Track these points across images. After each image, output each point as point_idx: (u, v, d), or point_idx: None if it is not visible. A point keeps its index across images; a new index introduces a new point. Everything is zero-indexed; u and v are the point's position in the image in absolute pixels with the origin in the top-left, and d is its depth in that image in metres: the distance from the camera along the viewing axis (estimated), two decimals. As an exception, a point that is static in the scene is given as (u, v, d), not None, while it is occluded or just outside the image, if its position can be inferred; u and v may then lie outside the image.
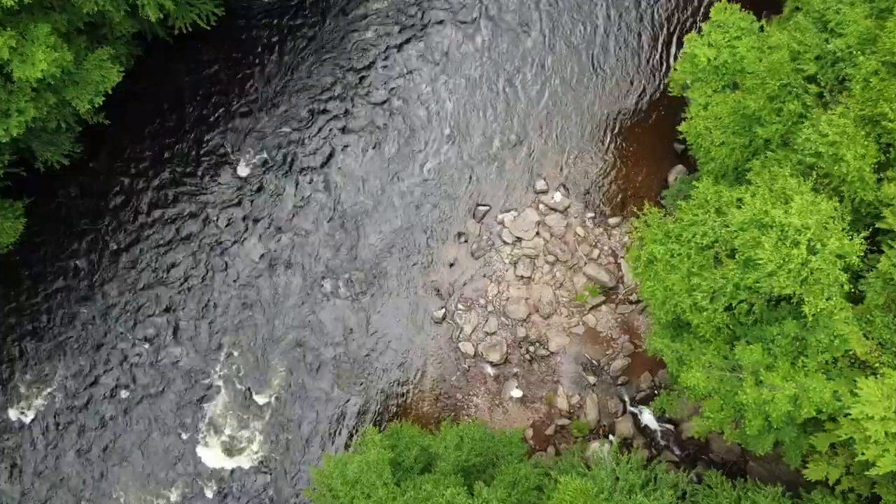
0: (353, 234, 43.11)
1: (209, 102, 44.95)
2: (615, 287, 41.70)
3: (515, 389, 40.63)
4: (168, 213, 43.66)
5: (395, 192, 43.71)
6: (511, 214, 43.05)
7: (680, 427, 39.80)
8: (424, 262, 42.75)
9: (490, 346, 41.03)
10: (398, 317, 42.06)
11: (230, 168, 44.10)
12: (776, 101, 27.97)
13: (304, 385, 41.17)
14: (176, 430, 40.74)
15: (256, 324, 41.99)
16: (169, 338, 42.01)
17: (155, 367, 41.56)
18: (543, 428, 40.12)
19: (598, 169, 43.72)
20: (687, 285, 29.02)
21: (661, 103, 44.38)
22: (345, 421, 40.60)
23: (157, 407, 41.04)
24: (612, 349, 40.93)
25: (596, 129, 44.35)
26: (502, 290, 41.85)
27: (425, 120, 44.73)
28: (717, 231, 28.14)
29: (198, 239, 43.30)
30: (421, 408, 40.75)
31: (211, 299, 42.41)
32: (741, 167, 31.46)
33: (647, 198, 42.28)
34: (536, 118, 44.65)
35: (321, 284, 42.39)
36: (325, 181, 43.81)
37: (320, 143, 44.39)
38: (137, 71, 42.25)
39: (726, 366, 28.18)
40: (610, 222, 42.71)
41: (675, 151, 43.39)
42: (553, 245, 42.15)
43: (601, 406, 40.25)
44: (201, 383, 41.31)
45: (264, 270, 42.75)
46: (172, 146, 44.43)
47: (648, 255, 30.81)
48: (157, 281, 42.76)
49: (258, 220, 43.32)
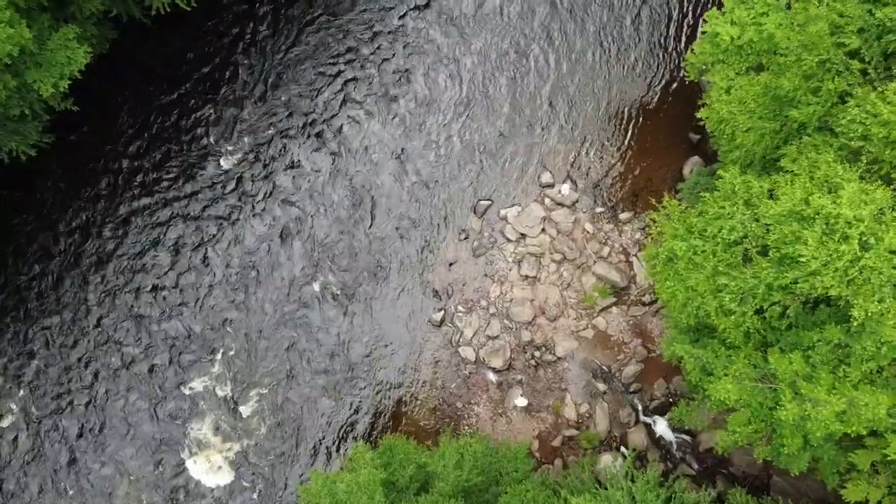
0: (344, 232, 40.19)
1: (190, 89, 41.94)
2: (627, 287, 38.83)
3: (520, 398, 37.79)
4: (146, 208, 40.68)
5: (389, 187, 40.77)
6: (515, 210, 40.16)
7: (697, 438, 36.91)
8: (421, 261, 39.88)
9: (492, 351, 38.18)
10: (393, 320, 39.17)
11: (213, 160, 41.13)
12: (813, 80, 25.05)
13: (292, 395, 38.26)
14: (156, 443, 37.80)
15: (241, 330, 39.09)
16: (146, 345, 39.08)
17: (131, 375, 38.63)
18: (550, 439, 37.26)
19: (608, 160, 40.84)
20: (712, 286, 26.26)
21: (675, 90, 41.50)
22: (336, 433, 37.67)
23: (136, 418, 38.09)
24: (624, 354, 38.09)
25: (605, 118, 41.46)
26: (505, 291, 39.00)
27: (421, 111, 41.83)
28: (746, 225, 25.35)
29: (178, 239, 40.33)
30: (418, 418, 37.86)
31: (192, 306, 39.46)
32: (770, 155, 28.60)
33: (660, 191, 39.49)
34: (540, 106, 41.71)
35: (310, 286, 39.46)
36: (316, 175, 40.86)
37: (311, 134, 41.43)
38: (112, 55, 39.29)
39: (757, 375, 25.33)
40: (621, 218, 39.82)
41: (690, 141, 40.51)
42: (560, 242, 39.28)
43: (612, 415, 37.42)
44: (183, 393, 38.40)
45: (249, 273, 39.83)
46: (151, 136, 41.43)
47: (668, 252, 28.05)
48: (133, 285, 39.79)
49: (242, 218, 40.36)
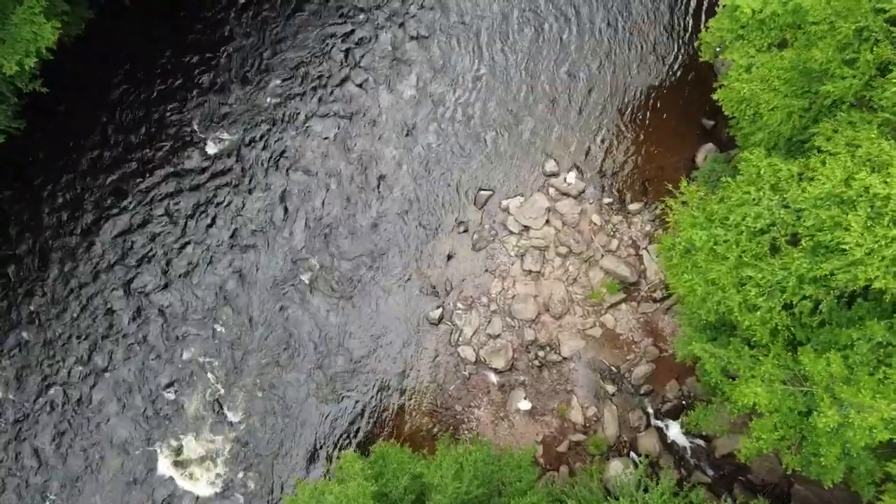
0: (335, 222, 37.80)
1: (172, 72, 39.53)
2: (637, 283, 36.46)
3: (523, 400, 35.44)
4: (124, 199, 38.28)
5: (382, 175, 38.37)
6: (517, 200, 37.77)
7: (713, 443, 34.54)
8: (418, 255, 37.47)
9: (494, 351, 35.81)
10: (388, 318, 36.77)
11: (196, 147, 38.71)
12: (848, 51, 22.68)
13: (280, 398, 35.86)
14: (134, 449, 35.42)
15: (226, 329, 36.69)
16: (125, 345, 36.69)
17: (111, 375, 36.24)
18: (555, 444, 34.89)
19: (616, 148, 38.44)
20: (735, 279, 23.95)
21: (687, 73, 39.15)
22: (326, 438, 35.30)
23: (114, 423, 35.71)
24: (634, 354, 35.72)
25: (612, 103, 39.07)
26: (507, 287, 36.64)
27: (415, 93, 39.43)
28: (774, 212, 23.03)
29: (158, 234, 37.91)
30: (414, 422, 35.48)
31: (174, 303, 37.06)
32: (797, 137, 26.24)
33: (672, 180, 37.17)
34: (544, 89, 39.35)
35: (300, 284, 37.07)
36: (305, 163, 38.47)
37: (300, 120, 39.07)
38: (89, 36, 36.89)
39: (786, 377, 22.99)
40: (630, 209, 37.44)
41: (703, 128, 38.15)
42: (565, 235, 36.89)
43: (621, 419, 35.07)
44: (165, 396, 36.01)
45: (234, 267, 37.43)
46: (131, 122, 39.02)
47: (686, 242, 25.70)
48: (112, 281, 37.41)
49: (227, 209, 37.96)
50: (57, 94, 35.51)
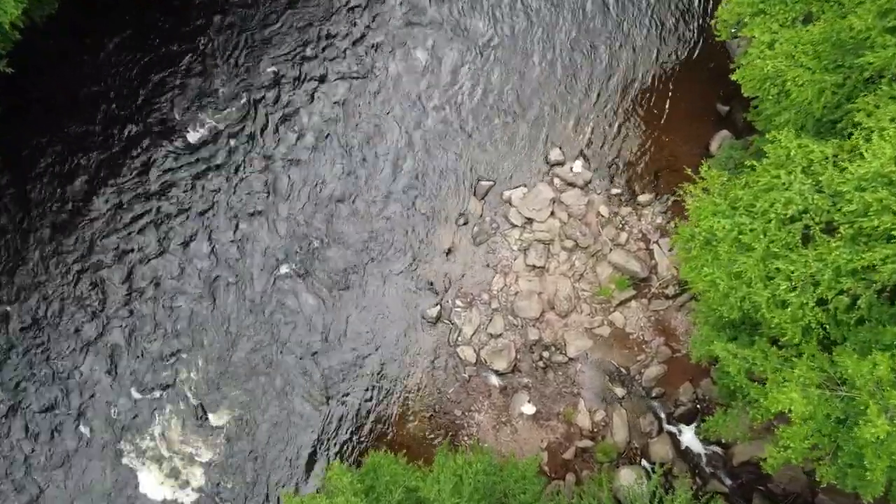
0: (325, 213, 35.54)
1: (151, 54, 37.19)
2: (647, 278, 34.25)
3: (526, 404, 33.24)
4: (98, 193, 35.97)
5: (374, 163, 36.13)
6: (520, 191, 35.53)
7: (731, 450, 32.32)
8: (414, 249, 35.24)
9: (495, 352, 33.60)
10: (382, 316, 34.52)
11: (178, 136, 36.40)
12: (891, 17, 20.45)
13: (267, 401, 33.59)
14: (111, 457, 33.12)
15: (211, 328, 34.40)
16: (105, 345, 34.40)
17: (85, 376, 33.96)
18: (561, 451, 32.70)
19: (625, 135, 36.20)
20: (763, 271, 21.71)
21: (700, 55, 36.99)
22: (315, 445, 33.05)
23: (88, 427, 33.41)
24: (645, 354, 33.53)
25: (621, 87, 36.85)
26: (510, 283, 34.45)
27: (411, 72, 37.22)
28: (807, 197, 20.81)
29: (136, 227, 35.60)
30: (410, 428, 33.24)
31: (154, 300, 34.77)
32: (828, 117, 24.02)
33: (684, 169, 35.01)
34: (549, 72, 37.13)
35: (287, 277, 34.80)
36: (293, 151, 36.22)
37: (287, 104, 36.82)
38: (61, 16, 34.59)
39: (821, 380, 20.75)
40: (640, 200, 35.20)
41: (717, 114, 35.92)
42: (571, 228, 34.66)
43: (631, 424, 32.88)
44: (144, 399, 33.73)
45: (218, 263, 35.16)
46: (108, 108, 36.69)
47: (707, 232, 23.47)
48: (86, 283, 35.13)
49: (210, 201, 35.69)
50: (29, 76, 33.20)
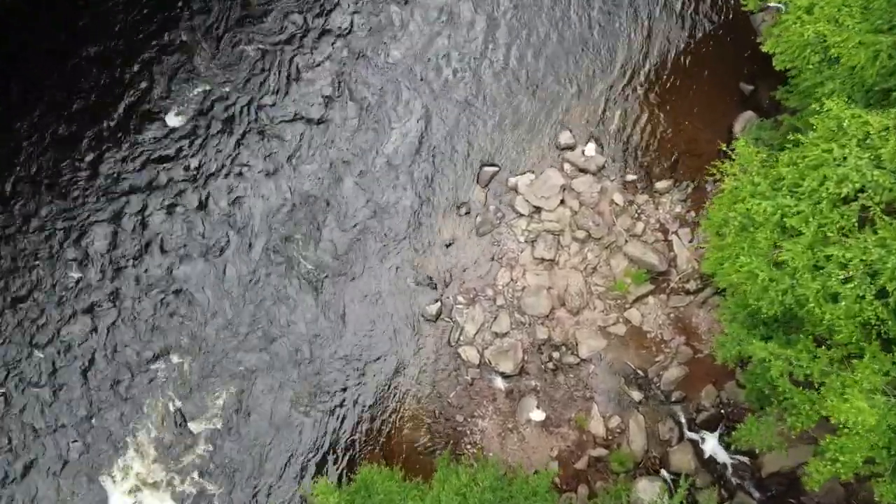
0: (316, 201, 32.90)
1: (128, 32, 34.57)
2: (666, 272, 31.59)
3: (535, 410, 30.63)
4: (73, 182, 33.28)
5: (369, 147, 33.47)
6: (527, 177, 32.86)
7: (759, 460, 29.62)
8: (412, 240, 32.66)
9: (500, 352, 31.01)
10: (377, 314, 31.88)
11: (157, 118, 33.68)
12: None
13: (251, 407, 30.90)
14: (80, 466, 30.42)
15: (191, 326, 31.76)
16: (77, 345, 31.74)
17: (53, 382, 31.28)
18: (572, 461, 30.08)
19: (641, 117, 33.52)
20: (810, 260, 19.02)
21: (723, 31, 34.27)
22: (304, 456, 30.39)
23: (58, 437, 30.69)
24: (664, 355, 30.91)
25: (637, 65, 34.18)
26: (516, 278, 31.85)
27: (409, 47, 34.55)
28: (865, 173, 18.14)
29: (111, 217, 32.90)
30: (407, 437, 30.58)
31: (131, 295, 32.09)
32: (880, 85, 21.31)
33: (705, 154, 32.41)
34: (558, 48, 34.46)
35: (272, 272, 32.11)
36: (281, 131, 33.57)
37: (276, 81, 34.15)
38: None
39: (884, 385, 18.06)
40: (657, 187, 32.53)
41: (741, 93, 33.22)
42: (583, 217, 32.01)
43: (650, 431, 30.27)
44: (119, 406, 31.01)
45: (199, 255, 32.48)
46: (81, 90, 34.06)
47: (743, 216, 20.77)
48: (58, 276, 32.44)
49: (191, 187, 33.01)
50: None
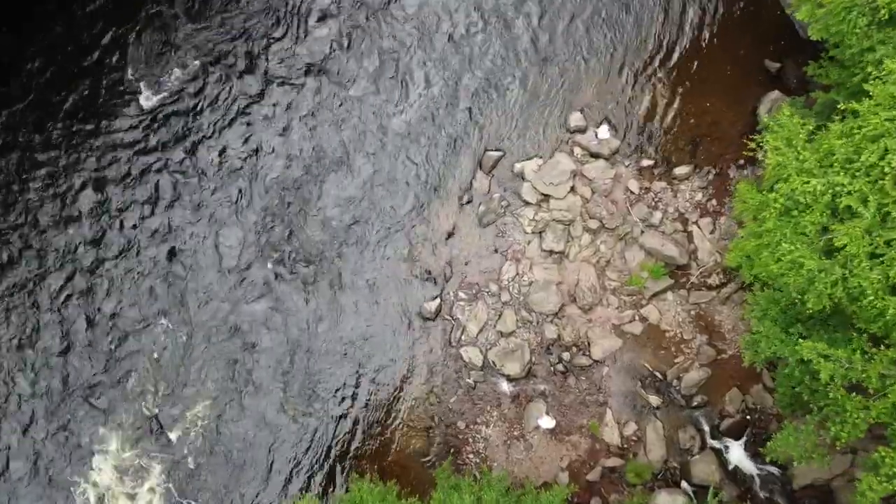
0: (306, 189, 30.69)
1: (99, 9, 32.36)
2: (686, 265, 29.25)
3: (543, 416, 28.44)
4: (43, 173, 31.00)
5: (363, 129, 31.22)
6: (534, 162, 30.59)
7: (790, 471, 27.24)
8: (409, 232, 30.40)
9: (505, 353, 28.79)
10: (372, 311, 29.76)
11: (131, 98, 31.39)
12: None
13: (234, 412, 28.69)
14: (49, 476, 28.08)
15: (170, 325, 29.53)
16: (52, 343, 29.47)
17: (30, 382, 28.95)
18: (584, 471, 27.91)
19: (658, 97, 31.18)
20: (868, 246, 16.52)
21: (745, 3, 31.86)
22: (292, 466, 28.20)
23: (24, 446, 28.36)
24: (684, 356, 28.61)
25: (653, 41, 31.92)
26: (522, 272, 29.62)
27: (406, 20, 32.17)
28: (936, 145, 15.59)
29: (92, 208, 30.73)
30: (404, 446, 28.40)
31: (110, 291, 29.83)
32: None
33: (727, 137, 30.14)
34: (568, 23, 32.12)
35: (258, 264, 29.81)
36: (263, 113, 31.30)
37: (259, 59, 31.86)
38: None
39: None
40: (676, 173, 30.14)
41: (766, 72, 30.81)
42: (595, 205, 29.62)
43: (669, 439, 28.04)
44: (92, 411, 28.70)
45: (179, 249, 30.16)
46: (49, 70, 31.79)
47: (785, 198, 18.25)
48: (31, 272, 30.11)
49: (167, 177, 30.74)
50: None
